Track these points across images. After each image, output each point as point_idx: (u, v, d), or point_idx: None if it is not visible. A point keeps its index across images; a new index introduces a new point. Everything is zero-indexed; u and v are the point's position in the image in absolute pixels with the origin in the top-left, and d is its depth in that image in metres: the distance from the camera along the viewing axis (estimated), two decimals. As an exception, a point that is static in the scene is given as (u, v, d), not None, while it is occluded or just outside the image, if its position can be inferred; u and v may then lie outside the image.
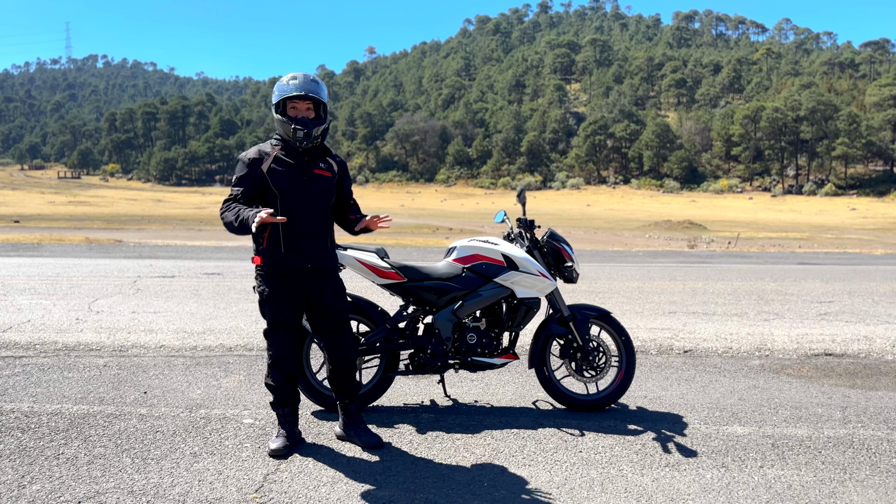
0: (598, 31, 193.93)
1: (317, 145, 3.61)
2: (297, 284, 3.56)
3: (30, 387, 4.65)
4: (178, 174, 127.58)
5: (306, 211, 3.53)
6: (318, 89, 3.53)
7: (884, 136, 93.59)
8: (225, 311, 7.63)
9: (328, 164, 3.65)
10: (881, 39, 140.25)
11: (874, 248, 22.86)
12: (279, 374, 3.63)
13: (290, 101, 3.51)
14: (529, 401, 4.56)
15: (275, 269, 3.54)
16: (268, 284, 3.56)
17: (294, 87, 3.48)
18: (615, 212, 60.48)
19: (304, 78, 3.53)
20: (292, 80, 3.51)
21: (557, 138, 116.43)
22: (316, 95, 3.50)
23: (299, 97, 3.49)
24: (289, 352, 3.63)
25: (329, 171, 3.64)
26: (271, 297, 3.56)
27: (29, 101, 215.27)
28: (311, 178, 3.56)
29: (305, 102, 3.52)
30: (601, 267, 13.25)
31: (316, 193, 3.56)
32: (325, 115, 3.60)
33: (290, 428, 3.66)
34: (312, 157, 3.59)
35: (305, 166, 3.55)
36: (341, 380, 3.74)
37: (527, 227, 4.49)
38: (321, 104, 3.57)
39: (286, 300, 3.56)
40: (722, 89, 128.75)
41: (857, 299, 9.19)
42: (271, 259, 3.53)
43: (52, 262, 12.40)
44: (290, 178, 3.51)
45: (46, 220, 35.77)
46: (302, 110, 3.52)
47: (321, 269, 3.61)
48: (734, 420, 4.21)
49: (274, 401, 3.69)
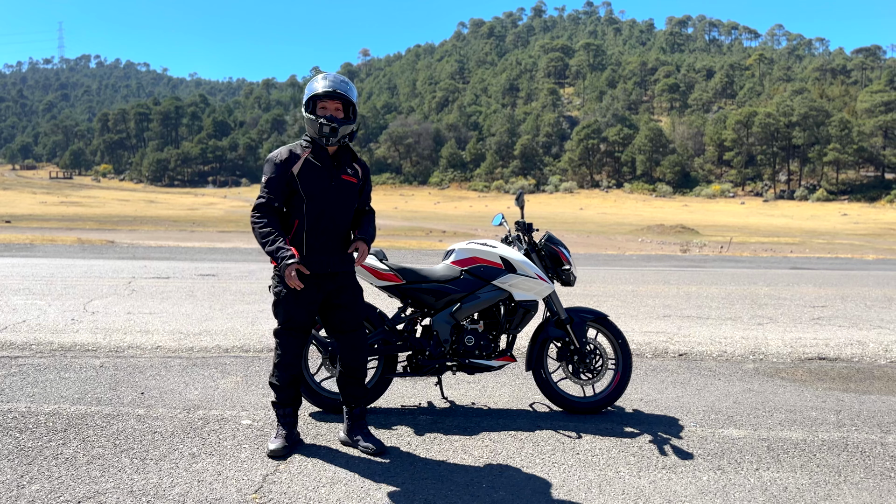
0: (591, 35, 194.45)
1: (344, 146, 3.64)
2: (315, 287, 3.56)
3: (27, 387, 4.64)
4: (170, 175, 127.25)
5: (331, 216, 3.55)
6: (348, 89, 3.57)
7: (875, 142, 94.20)
8: (221, 312, 7.62)
9: (354, 170, 3.68)
10: (872, 46, 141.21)
11: (866, 254, 23.00)
12: (285, 375, 3.64)
13: (319, 101, 3.54)
14: (527, 403, 4.58)
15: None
16: (285, 285, 3.54)
17: (324, 85, 3.52)
18: (608, 216, 60.62)
19: (335, 78, 3.57)
20: (323, 79, 3.56)
21: (551, 142, 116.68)
22: (345, 94, 3.53)
23: (329, 96, 3.52)
24: (297, 353, 3.65)
25: (355, 176, 3.66)
26: (288, 298, 3.55)
27: (21, 101, 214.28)
28: (339, 183, 3.58)
29: (335, 102, 3.54)
30: (595, 270, 13.29)
31: (342, 199, 3.58)
32: (355, 116, 3.62)
33: (289, 429, 3.66)
34: (341, 162, 3.62)
35: (334, 171, 3.58)
36: (350, 383, 3.75)
37: (525, 230, 4.52)
38: (351, 105, 3.58)
39: (302, 303, 3.55)
40: (715, 94, 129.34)
41: (849, 304, 9.25)
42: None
43: (45, 263, 12.35)
44: (319, 182, 3.53)
45: (38, 221, 35.61)
46: (331, 109, 3.54)
47: (340, 274, 3.62)
48: (729, 423, 4.24)
49: (276, 400, 3.69)
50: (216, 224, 37.53)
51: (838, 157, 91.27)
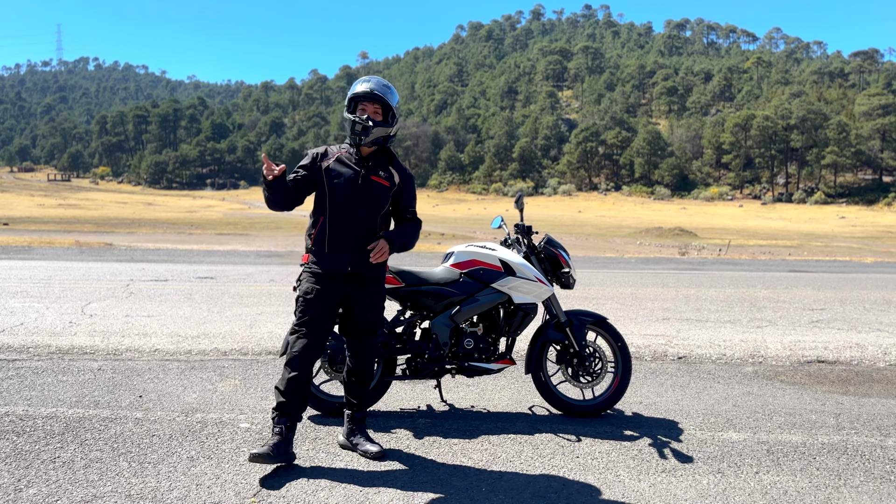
0: (590, 38, 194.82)
1: (382, 149, 3.66)
2: (336, 288, 3.54)
3: (24, 390, 4.62)
4: (168, 177, 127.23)
5: (353, 215, 3.55)
6: (388, 92, 3.59)
7: (873, 145, 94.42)
8: (219, 315, 7.61)
9: (389, 174, 3.66)
10: (870, 49, 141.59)
11: (864, 257, 23.02)
12: (292, 383, 3.47)
13: (360, 102, 3.59)
14: (526, 406, 4.57)
15: (318, 268, 3.55)
16: (308, 282, 3.55)
17: (364, 87, 3.57)
18: (606, 218, 60.67)
19: (377, 81, 3.61)
20: (364, 81, 3.61)
21: (549, 145, 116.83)
22: (384, 97, 3.56)
23: (367, 97, 3.56)
24: (310, 355, 3.51)
25: (388, 180, 3.64)
26: (309, 295, 3.53)
27: (19, 104, 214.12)
28: (367, 183, 3.58)
29: (374, 105, 3.57)
30: (594, 273, 13.29)
31: (366, 199, 3.57)
32: (394, 120, 3.64)
33: (284, 443, 3.44)
34: (374, 164, 3.63)
35: (363, 171, 3.59)
36: (356, 387, 3.73)
37: (524, 232, 4.51)
38: (390, 110, 3.61)
39: (323, 302, 3.52)
40: (713, 97, 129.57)
41: (848, 307, 9.25)
42: (317, 257, 3.57)
43: (43, 265, 12.33)
44: (343, 179, 3.55)
45: (36, 223, 35.58)
46: (370, 111, 3.57)
47: (362, 275, 3.59)
48: (729, 426, 4.24)
49: (277, 408, 3.50)
50: (214, 226, 37.51)
51: (836, 160, 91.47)
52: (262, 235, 28.82)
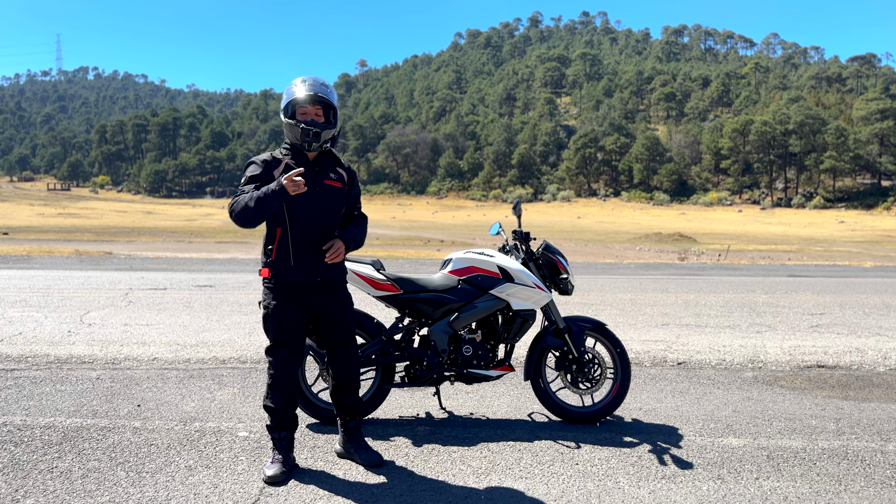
0: (588, 45, 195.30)
1: (326, 151, 3.56)
2: (305, 299, 3.46)
3: (22, 400, 4.61)
4: (168, 186, 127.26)
5: (316, 222, 3.45)
6: (329, 92, 3.49)
7: (871, 149, 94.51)
8: (218, 323, 7.60)
9: (338, 175, 3.58)
10: (867, 54, 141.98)
11: (863, 261, 23.02)
12: (279, 395, 3.47)
13: (299, 106, 3.45)
14: (525, 413, 4.56)
15: (284, 281, 3.44)
16: (275, 298, 3.45)
17: (304, 90, 3.44)
18: (606, 224, 60.68)
19: (314, 81, 3.49)
20: (302, 83, 3.47)
21: (548, 151, 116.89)
22: (326, 97, 3.46)
23: (309, 100, 3.44)
24: (291, 372, 3.50)
25: (339, 181, 3.56)
26: (277, 311, 3.44)
27: (19, 113, 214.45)
28: (322, 188, 3.48)
29: (315, 106, 3.46)
30: (593, 279, 13.28)
31: (326, 205, 3.48)
32: (336, 119, 3.54)
33: (285, 453, 3.49)
34: (323, 167, 3.53)
35: (316, 176, 3.47)
36: (343, 396, 3.68)
37: (522, 239, 4.51)
38: (331, 108, 3.51)
39: (293, 316, 3.45)
40: (711, 103, 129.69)
41: (848, 311, 9.24)
42: (280, 271, 3.44)
43: (42, 275, 12.32)
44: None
45: (36, 232, 35.57)
46: (311, 114, 3.45)
47: (330, 283, 3.53)
48: (729, 432, 4.22)
49: (271, 423, 3.51)
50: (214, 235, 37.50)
51: (835, 165, 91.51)
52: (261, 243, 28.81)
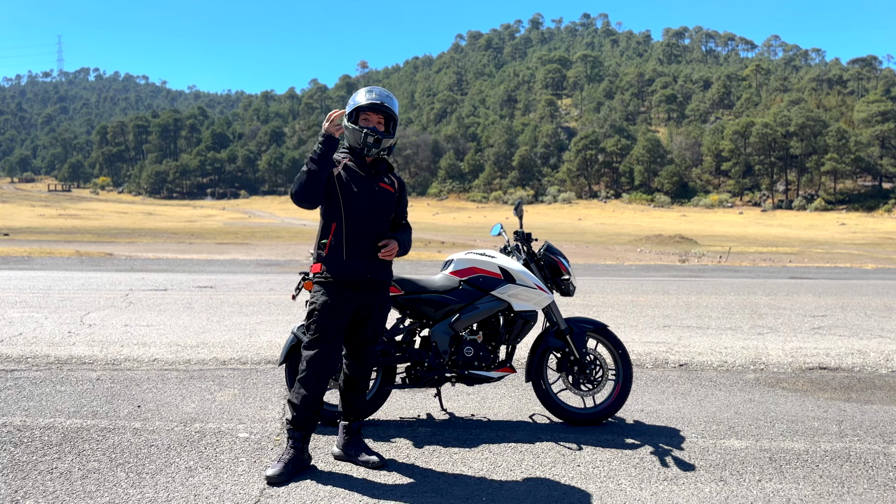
0: (588, 47, 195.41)
1: (383, 157, 3.68)
2: (353, 296, 3.53)
3: (22, 400, 4.60)
4: (169, 187, 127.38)
5: (369, 220, 3.56)
6: (393, 104, 3.63)
7: (872, 151, 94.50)
8: (218, 324, 7.59)
9: (391, 181, 3.72)
10: (868, 56, 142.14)
11: (864, 263, 23.00)
12: (308, 393, 3.48)
13: (362, 112, 3.60)
14: (526, 414, 4.54)
15: (335, 276, 3.51)
16: (326, 294, 3.51)
17: (369, 98, 3.58)
18: (606, 226, 60.67)
19: (380, 91, 3.63)
20: (368, 92, 3.62)
21: (549, 153, 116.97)
22: (390, 108, 3.60)
23: (373, 108, 3.58)
24: (326, 369, 3.52)
25: (392, 186, 3.71)
26: (326, 307, 3.49)
27: (20, 115, 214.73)
28: (379, 190, 3.62)
29: (378, 115, 3.61)
30: (594, 280, 13.27)
31: (379, 206, 3.60)
32: (394, 130, 3.69)
33: (297, 453, 3.47)
34: (378, 171, 3.66)
35: (372, 178, 3.61)
36: (353, 395, 3.71)
37: (524, 240, 4.50)
38: (392, 120, 3.66)
39: (340, 313, 3.51)
40: (712, 105, 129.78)
41: (849, 313, 9.23)
42: (333, 266, 3.52)
43: (42, 275, 12.31)
44: (356, 185, 3.56)
45: (36, 233, 35.59)
46: (373, 121, 3.61)
47: (378, 282, 3.62)
48: (731, 434, 4.21)
49: (292, 421, 3.50)
50: (215, 236, 37.51)
51: (836, 167, 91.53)
52: (263, 245, 28.82)
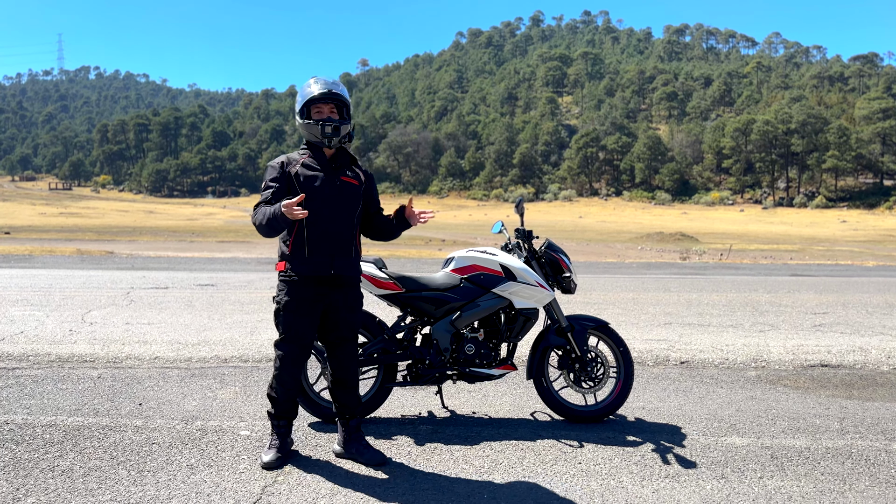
0: (589, 44, 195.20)
1: (344, 147, 3.66)
2: (318, 293, 3.53)
3: (23, 398, 4.60)
4: (169, 186, 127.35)
5: (332, 216, 3.53)
6: (341, 89, 3.58)
7: (873, 148, 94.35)
8: (219, 322, 7.59)
9: (355, 173, 3.68)
10: (870, 53, 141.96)
11: (866, 260, 22.98)
12: (283, 389, 3.59)
13: (314, 106, 3.55)
14: (527, 412, 4.54)
15: (299, 273, 3.50)
16: (289, 293, 3.52)
17: (319, 88, 3.53)
18: (607, 224, 60.64)
19: (327, 80, 3.58)
20: (315, 83, 3.56)
21: (549, 150, 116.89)
22: (339, 94, 3.54)
23: (324, 98, 3.53)
24: (298, 365, 3.61)
25: (356, 179, 3.66)
26: (290, 306, 3.52)
27: (20, 113, 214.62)
28: (341, 184, 3.58)
29: (329, 104, 3.56)
30: (595, 278, 13.27)
31: (342, 199, 3.57)
32: (349, 116, 3.63)
33: (282, 439, 3.63)
34: (339, 165, 3.62)
35: (333, 172, 3.58)
36: (343, 394, 3.70)
37: (525, 237, 4.49)
38: (345, 105, 3.60)
39: (305, 311, 3.52)
40: (713, 102, 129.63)
41: (851, 311, 9.22)
42: (295, 263, 3.52)
43: (44, 274, 12.32)
44: (317, 181, 3.53)
45: (37, 232, 35.61)
46: (326, 112, 3.55)
47: (343, 278, 3.59)
48: (732, 431, 4.21)
49: (273, 412, 3.65)
50: (215, 234, 37.52)
51: (837, 164, 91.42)
52: (263, 242, 28.79)
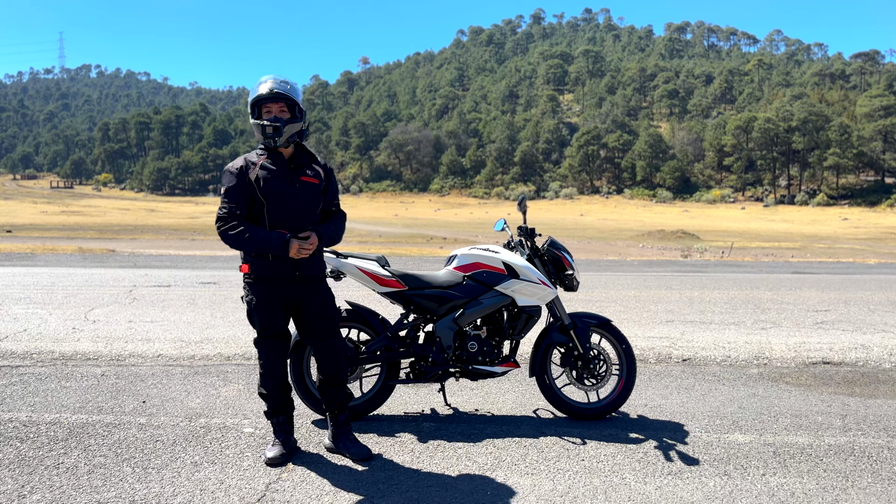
0: (590, 42, 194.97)
1: (301, 148, 3.61)
2: (284, 292, 3.54)
3: (27, 396, 4.62)
4: (171, 184, 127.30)
5: (294, 218, 3.51)
6: (290, 89, 3.51)
7: (875, 146, 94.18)
8: (222, 319, 7.60)
9: (315, 171, 3.64)
10: (871, 51, 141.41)
11: (867, 258, 22.96)
12: (272, 384, 3.62)
13: (264, 105, 3.50)
14: (530, 409, 4.55)
15: (262, 276, 3.52)
16: (255, 293, 3.54)
17: (265, 88, 3.48)
18: (608, 221, 60.62)
19: (276, 79, 3.52)
20: (263, 82, 3.52)
21: (551, 148, 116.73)
22: (287, 94, 3.48)
23: (271, 98, 3.48)
24: (280, 360, 3.64)
25: (316, 177, 3.62)
26: (259, 305, 3.54)
27: (22, 111, 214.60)
28: (299, 184, 3.54)
29: (278, 104, 3.49)
30: (597, 276, 13.28)
31: (303, 200, 3.54)
32: (301, 115, 3.56)
33: (285, 436, 3.64)
34: (299, 164, 3.59)
35: (292, 173, 3.54)
36: (330, 390, 3.71)
37: (527, 235, 4.50)
38: (295, 104, 3.53)
39: (275, 308, 3.55)
40: (714, 100, 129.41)
41: (852, 308, 9.22)
42: (259, 267, 3.51)
43: (46, 272, 12.33)
44: (277, 184, 3.49)
45: (39, 230, 35.63)
46: (275, 111, 3.49)
47: (308, 277, 3.59)
48: (735, 428, 4.21)
49: (268, 410, 3.67)
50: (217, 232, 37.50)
51: (838, 162, 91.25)
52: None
